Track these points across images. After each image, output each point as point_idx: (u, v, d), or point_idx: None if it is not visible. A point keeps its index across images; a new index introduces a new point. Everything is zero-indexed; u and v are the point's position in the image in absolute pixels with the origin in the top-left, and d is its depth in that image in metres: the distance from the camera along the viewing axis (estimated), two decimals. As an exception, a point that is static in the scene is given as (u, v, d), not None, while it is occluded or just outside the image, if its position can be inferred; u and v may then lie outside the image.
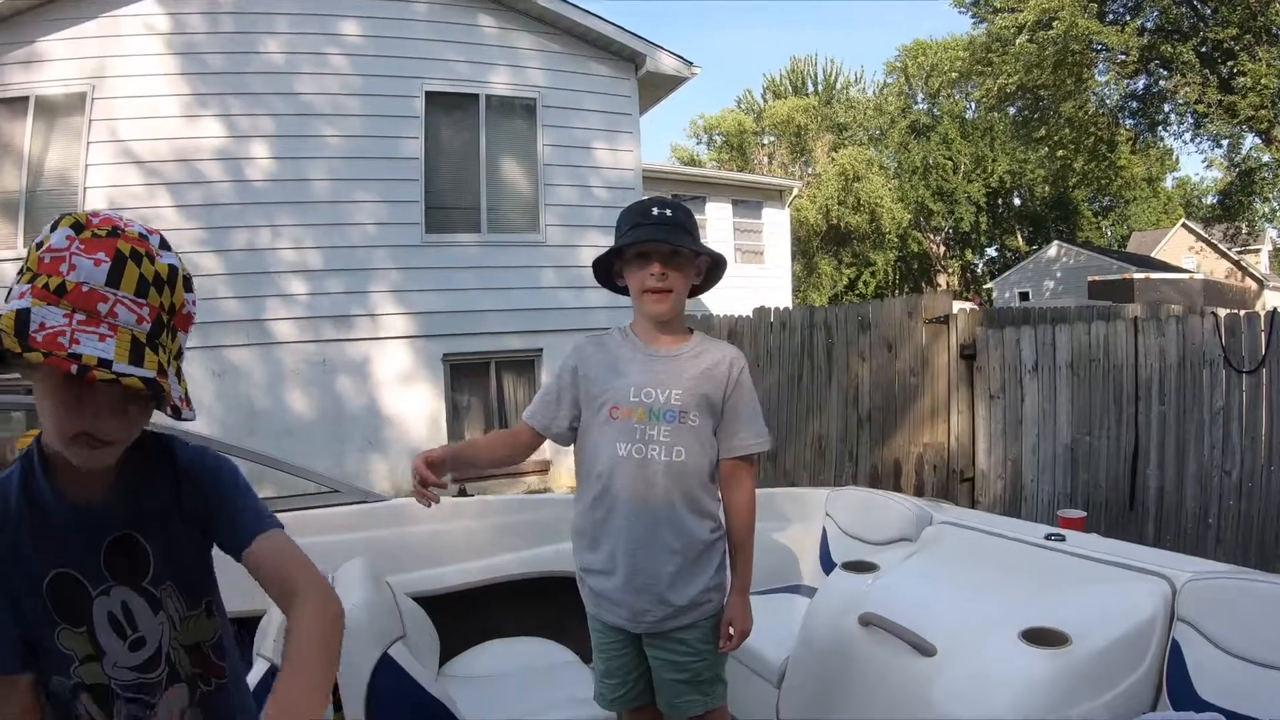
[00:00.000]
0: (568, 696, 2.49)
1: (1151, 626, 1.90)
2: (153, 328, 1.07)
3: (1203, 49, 17.83)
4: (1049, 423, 5.74)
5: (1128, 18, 18.61)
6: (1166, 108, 20.16)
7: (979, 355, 6.21)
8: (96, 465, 1.12)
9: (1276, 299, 27.16)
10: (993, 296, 34.07)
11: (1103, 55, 19.28)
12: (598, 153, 9.65)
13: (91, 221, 1.06)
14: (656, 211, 1.99)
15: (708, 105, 72.32)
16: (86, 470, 1.12)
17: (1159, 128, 21.25)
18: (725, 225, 16.05)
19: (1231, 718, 1.65)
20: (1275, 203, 30.74)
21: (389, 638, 2.15)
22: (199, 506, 1.23)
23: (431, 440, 8.75)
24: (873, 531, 3.11)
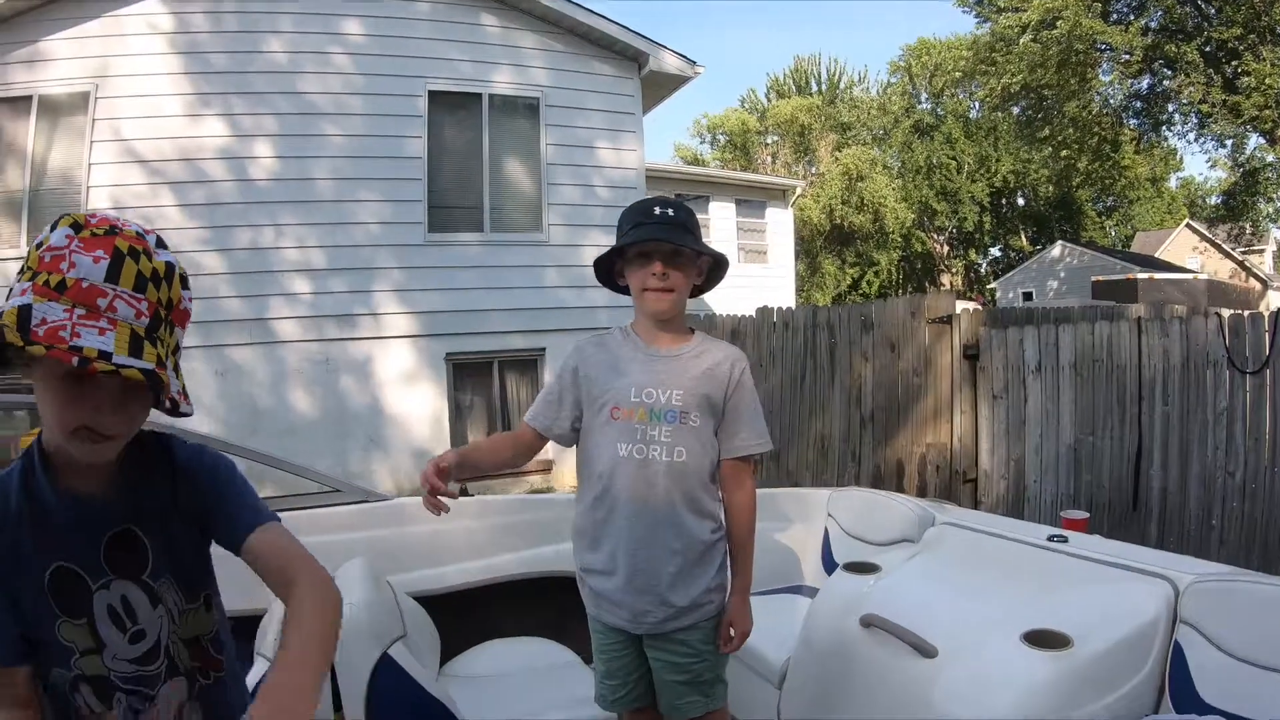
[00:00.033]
0: (568, 697, 2.49)
1: (1154, 628, 1.89)
2: (151, 322, 1.09)
3: (1207, 49, 17.79)
4: (1052, 423, 5.73)
5: (1132, 17, 18.58)
6: (1170, 107, 20.13)
7: (982, 355, 6.20)
8: (97, 460, 1.14)
9: (1281, 299, 27.10)
10: (996, 296, 34.06)
11: (1107, 55, 19.25)
12: (601, 152, 9.65)
13: (90, 221, 1.08)
14: (659, 211, 1.98)
15: (711, 105, 72.36)
16: (87, 466, 1.15)
17: (1163, 128, 21.21)
18: (729, 225, 16.04)
19: None
20: (1279, 203, 30.66)
21: (389, 637, 2.15)
22: (197, 502, 1.25)
23: (434, 439, 8.76)
24: (875, 532, 3.10)
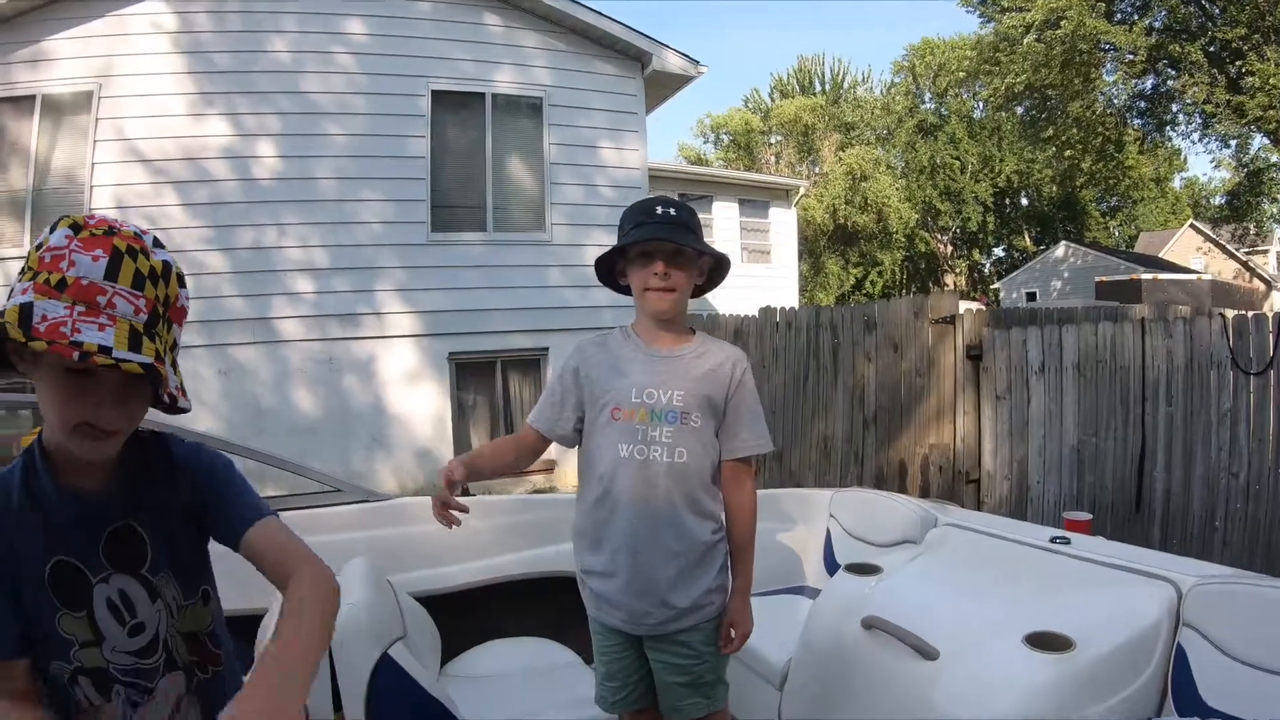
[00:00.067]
0: (569, 697, 2.49)
1: (1156, 631, 1.88)
2: (149, 318, 1.12)
3: (1211, 49, 17.73)
4: (1055, 424, 5.71)
5: (1136, 17, 18.52)
6: (1174, 107, 20.05)
7: (985, 356, 6.19)
8: (98, 457, 1.17)
9: (1285, 300, 27.05)
10: (1000, 297, 34.01)
11: (1110, 55, 19.19)
12: (604, 152, 9.65)
13: (88, 222, 1.12)
14: (660, 210, 1.98)
15: (715, 104, 72.35)
16: (87, 463, 1.17)
17: (1167, 128, 21.13)
18: (732, 225, 16.03)
19: None
20: (1284, 203, 30.57)
21: (390, 638, 2.14)
22: (196, 499, 1.28)
23: (436, 439, 8.77)
24: (877, 533, 3.09)
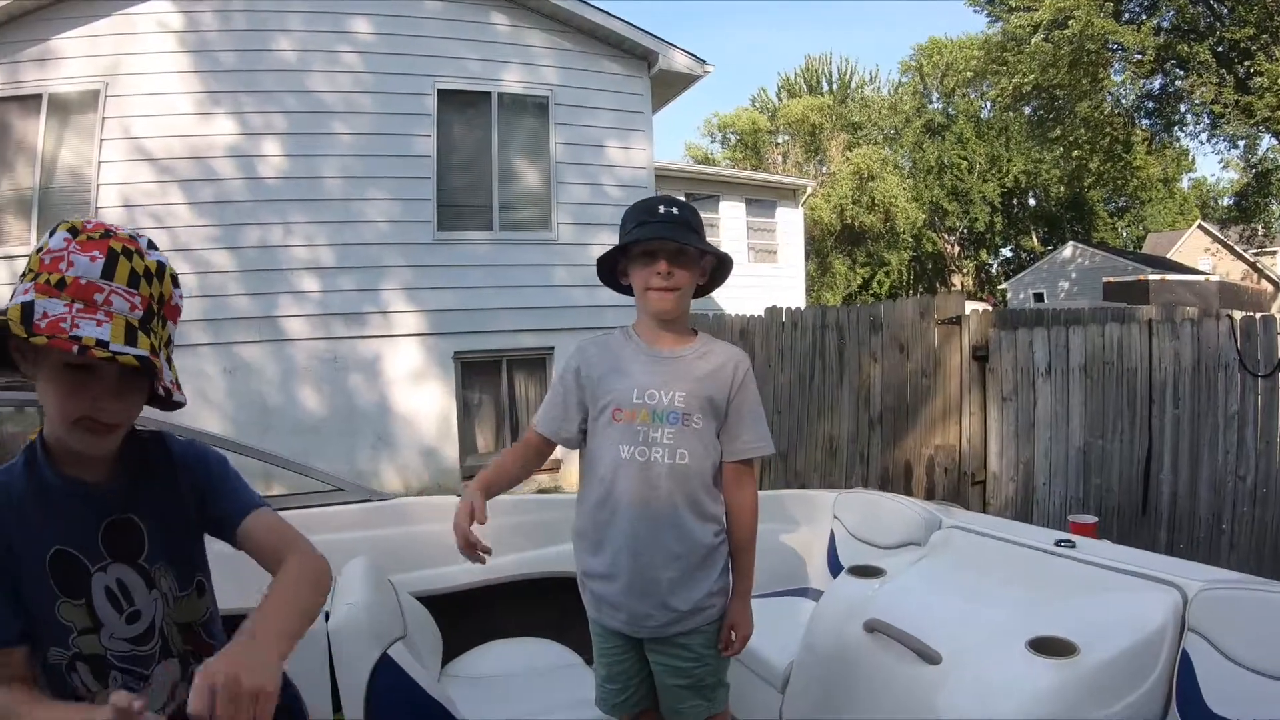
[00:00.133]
0: (570, 698, 2.48)
1: (1161, 637, 1.86)
2: (144, 315, 1.19)
3: (1219, 49, 17.68)
4: (1061, 426, 5.69)
5: (1144, 17, 18.48)
6: (1183, 108, 20.02)
7: (991, 357, 6.16)
8: (98, 451, 1.23)
9: (1294, 301, 26.91)
10: (1007, 297, 33.95)
11: (1118, 55, 19.15)
12: (610, 151, 9.65)
13: (85, 226, 1.19)
14: (663, 209, 1.97)
15: (722, 104, 72.23)
16: (88, 457, 1.24)
17: (1175, 128, 21.09)
18: (739, 224, 15.99)
19: None
20: (1293, 204, 30.44)
21: (390, 637, 2.14)
22: (192, 492, 1.35)
23: (442, 438, 8.78)
24: (881, 535, 3.08)
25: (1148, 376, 5.21)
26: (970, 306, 6.71)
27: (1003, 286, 36.04)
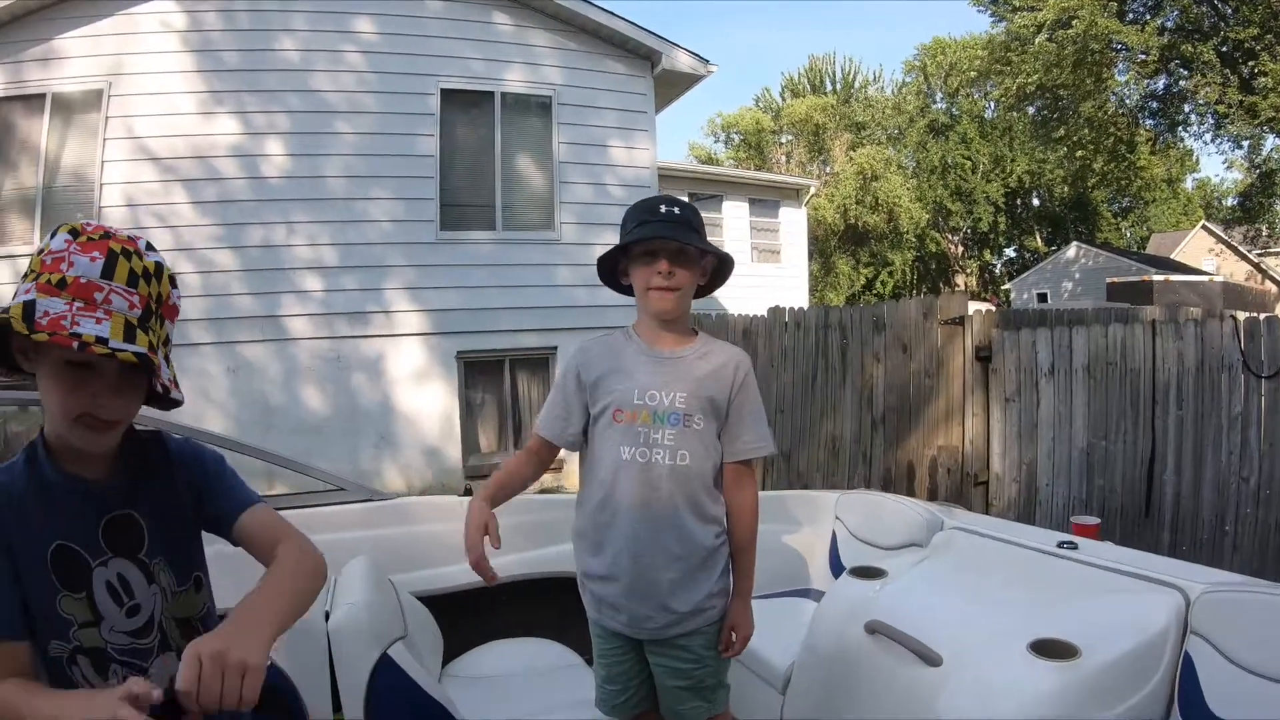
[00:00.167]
0: (570, 698, 2.48)
1: (1163, 639, 1.85)
2: (143, 314, 1.21)
3: (1223, 49, 17.64)
4: (1064, 426, 5.68)
5: (1148, 17, 18.44)
6: (1186, 108, 19.96)
7: (994, 357, 6.15)
8: (97, 448, 1.26)
9: (1299, 302, 26.84)
10: (1011, 297, 33.89)
11: (1122, 55, 19.12)
12: (613, 151, 9.64)
13: (86, 228, 1.22)
14: (664, 209, 1.97)
15: (726, 104, 72.15)
16: (88, 454, 1.26)
17: (1179, 128, 21.04)
18: (742, 224, 15.98)
19: None
20: (1297, 205, 30.36)
21: (390, 637, 2.14)
22: (190, 489, 1.38)
23: (444, 437, 8.78)
24: (882, 536, 3.08)
25: (1151, 377, 5.20)
26: (973, 307, 6.70)
27: (1006, 287, 35.97)
